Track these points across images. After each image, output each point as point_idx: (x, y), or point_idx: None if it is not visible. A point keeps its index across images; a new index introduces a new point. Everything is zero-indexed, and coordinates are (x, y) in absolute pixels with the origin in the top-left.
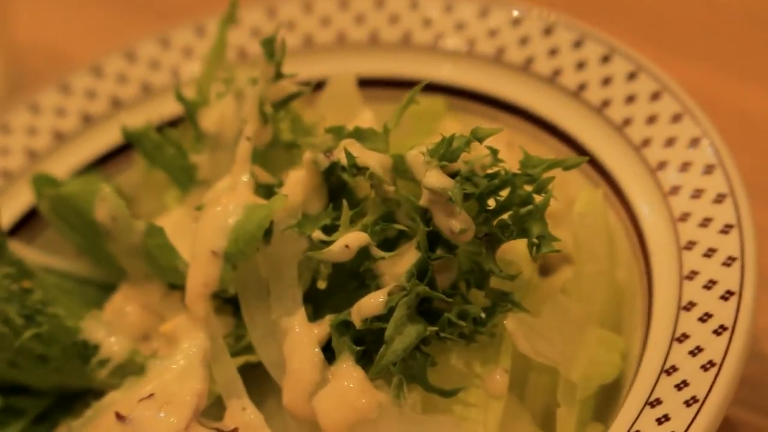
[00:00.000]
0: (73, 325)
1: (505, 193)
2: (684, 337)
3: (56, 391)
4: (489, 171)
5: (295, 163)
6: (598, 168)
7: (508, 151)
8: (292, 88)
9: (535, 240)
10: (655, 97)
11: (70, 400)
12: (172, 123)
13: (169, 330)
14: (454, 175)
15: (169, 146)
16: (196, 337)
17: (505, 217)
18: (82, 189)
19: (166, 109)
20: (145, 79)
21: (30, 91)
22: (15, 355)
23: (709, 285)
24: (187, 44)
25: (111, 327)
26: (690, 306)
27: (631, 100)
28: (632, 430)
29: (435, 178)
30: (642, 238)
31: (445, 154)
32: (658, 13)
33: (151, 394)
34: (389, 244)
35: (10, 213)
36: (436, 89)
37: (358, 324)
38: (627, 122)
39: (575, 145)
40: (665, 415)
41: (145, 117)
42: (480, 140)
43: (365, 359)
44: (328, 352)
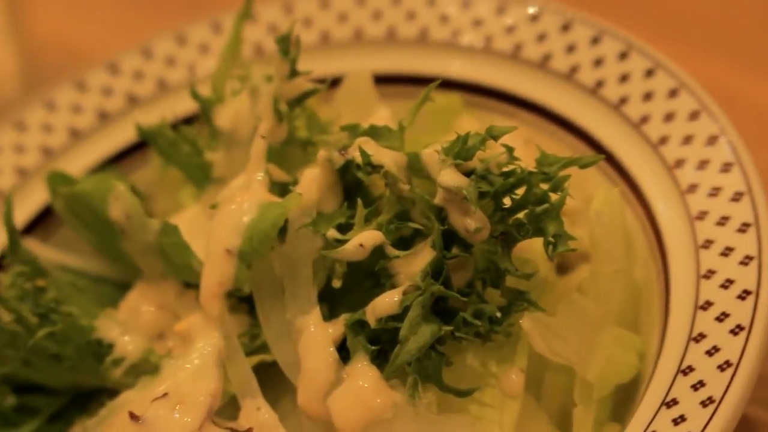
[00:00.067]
0: (87, 324)
1: (520, 191)
2: (701, 336)
3: (71, 390)
4: (505, 169)
5: (310, 161)
6: (616, 166)
7: (526, 149)
8: (307, 85)
9: (551, 239)
10: (673, 94)
11: (85, 399)
12: (188, 120)
13: (184, 329)
14: (470, 173)
15: (184, 144)
16: (211, 336)
17: (521, 215)
18: (96, 187)
19: (182, 106)
20: (162, 76)
21: (47, 88)
22: (29, 354)
23: (726, 284)
24: (203, 41)
25: (125, 326)
26: (707, 305)
27: (648, 97)
28: (648, 431)
29: (450, 177)
30: (659, 236)
31: (460, 153)
32: (676, 9)
33: (165, 394)
34: (404, 243)
35: (25, 210)
36: (453, 86)
37: (372, 323)
38: (644, 120)
39: (592, 143)
40: (681, 416)
41: (161, 114)
42: (495, 138)
43: (380, 359)
44: (343, 352)
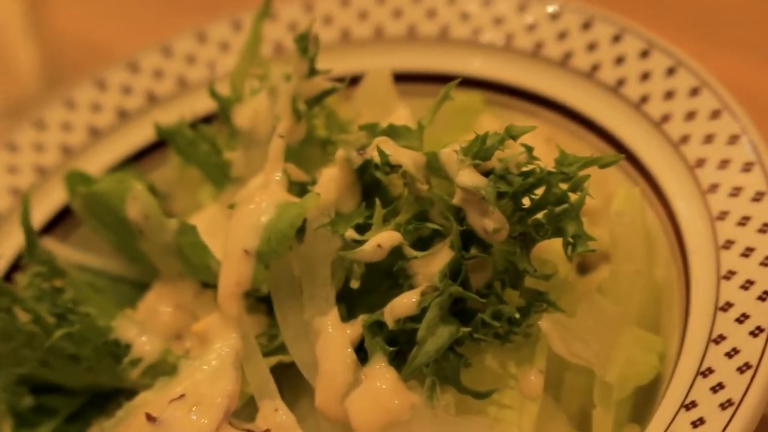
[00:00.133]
0: (105, 324)
1: (540, 191)
2: (720, 338)
3: (89, 391)
4: (524, 169)
5: (329, 160)
6: (637, 165)
7: (546, 147)
8: (326, 84)
9: (571, 239)
10: (694, 92)
11: (103, 400)
12: (207, 119)
13: (201, 329)
14: (489, 173)
15: (203, 143)
16: (228, 337)
17: (540, 216)
18: (114, 187)
19: (202, 105)
20: (182, 75)
21: (67, 86)
22: (46, 355)
23: (747, 285)
24: (223, 39)
25: (143, 326)
26: (727, 306)
27: (669, 95)
28: None
29: (468, 177)
30: (680, 236)
31: (479, 152)
32: (697, 6)
33: (182, 395)
34: (423, 243)
35: (45, 209)
36: (474, 84)
37: (390, 324)
38: (665, 118)
39: (613, 141)
40: (700, 419)
41: (181, 113)
42: (514, 138)
43: (398, 360)
44: (362, 353)
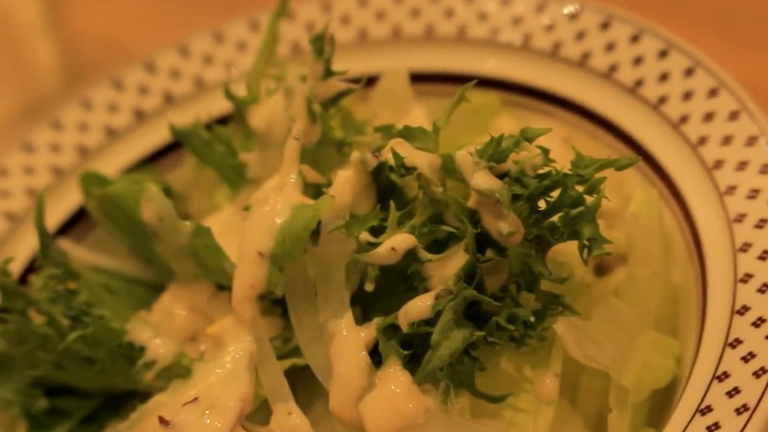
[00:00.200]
0: (119, 326)
1: (556, 193)
2: (737, 342)
3: (103, 393)
4: (540, 171)
5: (345, 162)
6: (654, 166)
7: (564, 148)
8: (342, 85)
9: (586, 242)
10: (713, 93)
11: (118, 402)
12: (223, 120)
13: (216, 332)
14: (504, 175)
15: (218, 144)
16: (243, 339)
17: (556, 219)
18: (128, 188)
19: (219, 105)
20: (199, 75)
21: (84, 86)
22: (60, 357)
23: (764, 288)
24: (240, 39)
25: (157, 329)
26: (744, 310)
27: (688, 96)
28: None
29: (483, 180)
30: (697, 238)
31: (494, 155)
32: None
33: (196, 398)
34: (439, 246)
35: (61, 210)
36: (491, 85)
37: (405, 328)
38: (683, 119)
39: (631, 142)
40: (716, 423)
41: (198, 113)
42: (530, 140)
43: (413, 363)
44: (376, 356)
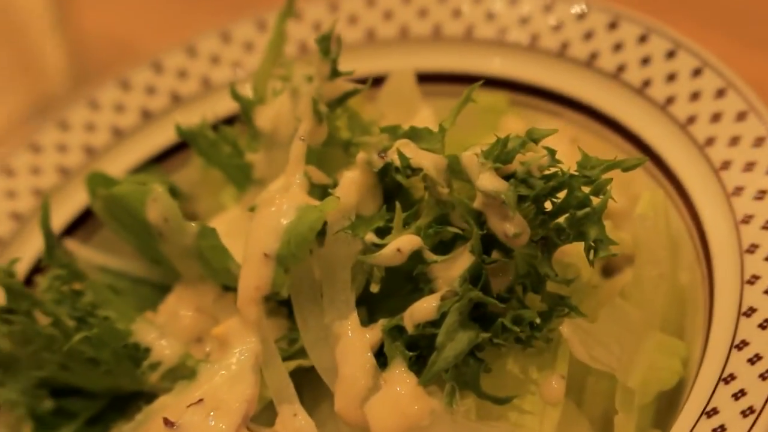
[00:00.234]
0: (124, 328)
1: (562, 194)
2: (743, 344)
3: (109, 394)
4: (546, 172)
5: (351, 163)
6: (662, 167)
7: (572, 148)
8: (348, 86)
9: (592, 243)
10: (720, 94)
11: (124, 403)
12: (229, 120)
13: (221, 333)
14: (510, 176)
15: (224, 144)
16: (248, 341)
17: (561, 220)
18: (134, 189)
19: (226, 105)
20: (206, 75)
21: (91, 86)
22: (66, 358)
23: None
24: (248, 39)
25: (163, 330)
26: (750, 312)
27: (695, 97)
28: None
29: (488, 181)
30: (705, 239)
31: (500, 156)
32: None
33: (201, 400)
34: (445, 247)
35: (67, 210)
36: (499, 85)
37: (410, 329)
38: (691, 120)
39: (639, 143)
40: (722, 426)
41: (205, 113)
42: (536, 141)
43: (419, 364)
44: (382, 357)
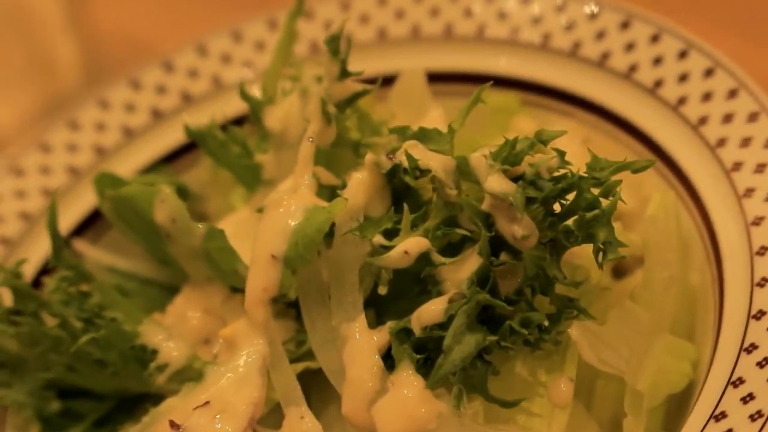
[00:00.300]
0: (132, 329)
1: (571, 196)
2: (752, 347)
3: (116, 395)
4: (555, 173)
5: (360, 163)
6: (673, 168)
7: (583, 149)
8: (358, 86)
9: (601, 245)
10: (732, 94)
11: (131, 404)
12: (238, 121)
13: (229, 335)
14: (519, 178)
15: (234, 145)
16: (255, 343)
17: (570, 222)
18: (142, 190)
19: (236, 105)
20: (216, 74)
21: (102, 86)
22: (73, 360)
23: None
24: (259, 38)
25: (170, 331)
26: (760, 315)
27: (707, 97)
28: None
29: (496, 183)
30: (715, 241)
31: (508, 157)
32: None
33: (207, 402)
34: (453, 249)
35: (76, 211)
36: (510, 85)
37: (417, 332)
38: (703, 121)
39: (650, 144)
40: (729, 430)
41: (216, 113)
42: (545, 142)
43: (427, 367)
44: (389, 360)
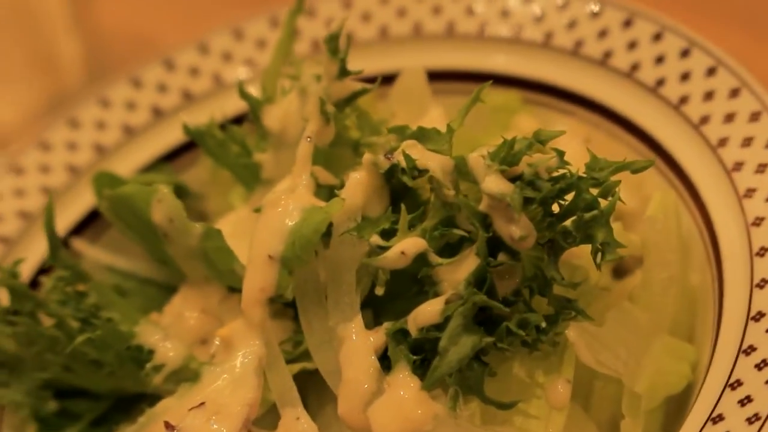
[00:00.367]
0: (128, 329)
1: (570, 196)
2: (751, 349)
3: (113, 395)
4: (554, 174)
5: (359, 163)
6: (674, 167)
7: (585, 148)
8: (357, 85)
9: (599, 246)
10: (734, 94)
11: (129, 404)
12: (238, 119)
13: (226, 335)
14: (517, 178)
15: (233, 144)
16: (252, 343)
17: (568, 223)
18: (139, 190)
19: (237, 104)
20: (217, 72)
21: (102, 84)
22: (69, 360)
23: None
24: (260, 36)
25: (167, 331)
26: (759, 316)
27: (709, 96)
28: None
29: (494, 183)
30: (715, 241)
31: (507, 157)
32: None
33: (202, 403)
34: (452, 249)
35: (76, 210)
36: (512, 83)
37: (414, 333)
38: (704, 120)
39: (651, 143)
40: None
41: (216, 111)
42: (543, 143)
43: (423, 368)
44: (386, 360)
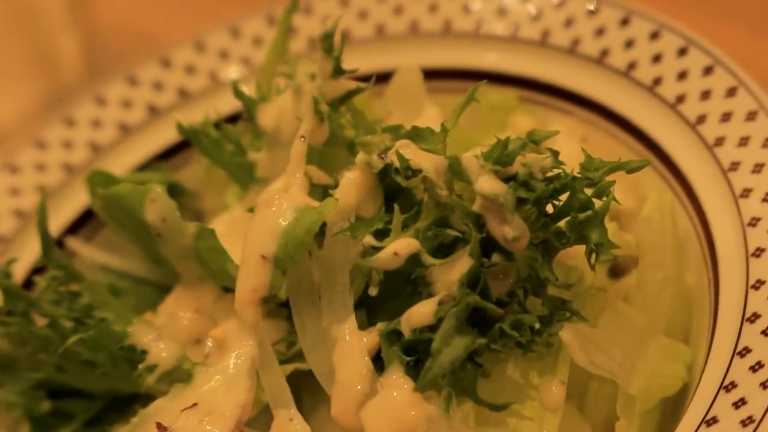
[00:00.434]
0: (121, 329)
1: (564, 197)
2: (746, 351)
3: (107, 395)
4: (548, 174)
5: (354, 162)
6: (671, 167)
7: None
8: (351, 84)
9: (594, 247)
10: (731, 93)
11: (123, 404)
12: (233, 118)
13: (219, 335)
14: (511, 178)
15: (227, 143)
16: (245, 344)
17: (562, 224)
18: (133, 189)
19: (233, 102)
20: (214, 71)
21: (98, 82)
22: (62, 360)
23: None
24: (257, 34)
25: (160, 332)
26: (754, 318)
27: (706, 96)
28: None
29: (487, 184)
30: (711, 242)
31: (500, 157)
32: None
33: (195, 404)
34: (446, 249)
35: (71, 208)
36: (509, 82)
37: (407, 334)
38: (701, 119)
39: (648, 142)
40: None
41: (211, 109)
42: (536, 143)
43: (417, 369)
44: (380, 361)
